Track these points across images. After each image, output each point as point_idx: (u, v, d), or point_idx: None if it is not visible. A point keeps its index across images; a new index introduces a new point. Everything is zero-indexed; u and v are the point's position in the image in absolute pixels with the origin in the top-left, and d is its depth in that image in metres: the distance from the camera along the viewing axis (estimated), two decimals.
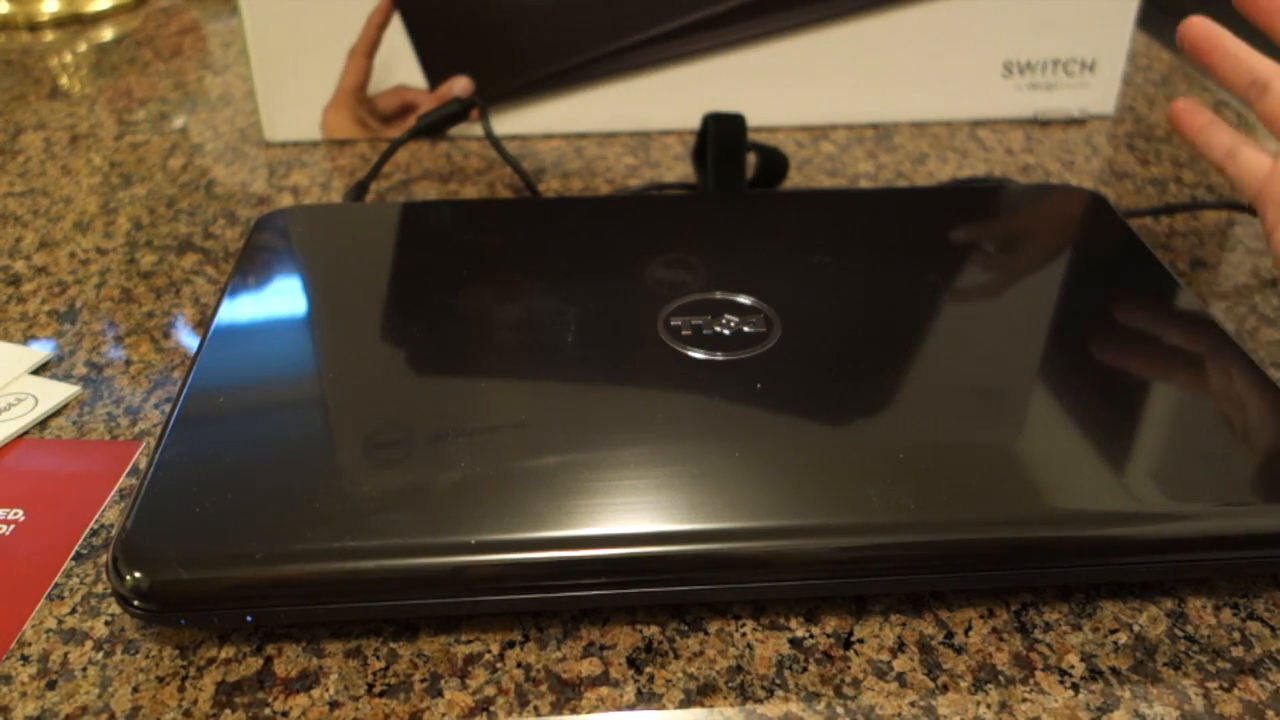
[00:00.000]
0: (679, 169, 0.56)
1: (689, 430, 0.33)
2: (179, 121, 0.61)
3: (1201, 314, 0.38)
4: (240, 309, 0.38)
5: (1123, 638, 0.30)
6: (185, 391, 0.34)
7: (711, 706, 0.28)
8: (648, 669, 0.29)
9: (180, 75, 0.68)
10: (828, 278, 0.40)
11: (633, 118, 0.59)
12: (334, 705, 0.28)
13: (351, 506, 0.30)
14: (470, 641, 0.30)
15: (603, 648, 0.30)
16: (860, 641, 0.30)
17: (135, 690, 0.29)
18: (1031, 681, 0.29)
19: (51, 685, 0.29)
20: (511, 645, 0.30)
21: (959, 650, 0.30)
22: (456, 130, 0.58)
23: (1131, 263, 0.42)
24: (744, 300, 0.38)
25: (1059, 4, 0.57)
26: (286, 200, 0.53)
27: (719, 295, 0.38)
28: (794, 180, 0.55)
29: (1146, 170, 0.56)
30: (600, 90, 0.58)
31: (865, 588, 0.31)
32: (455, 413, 0.33)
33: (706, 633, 0.30)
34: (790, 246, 0.42)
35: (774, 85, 0.58)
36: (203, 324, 0.43)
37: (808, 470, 0.31)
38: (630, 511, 0.30)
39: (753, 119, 0.52)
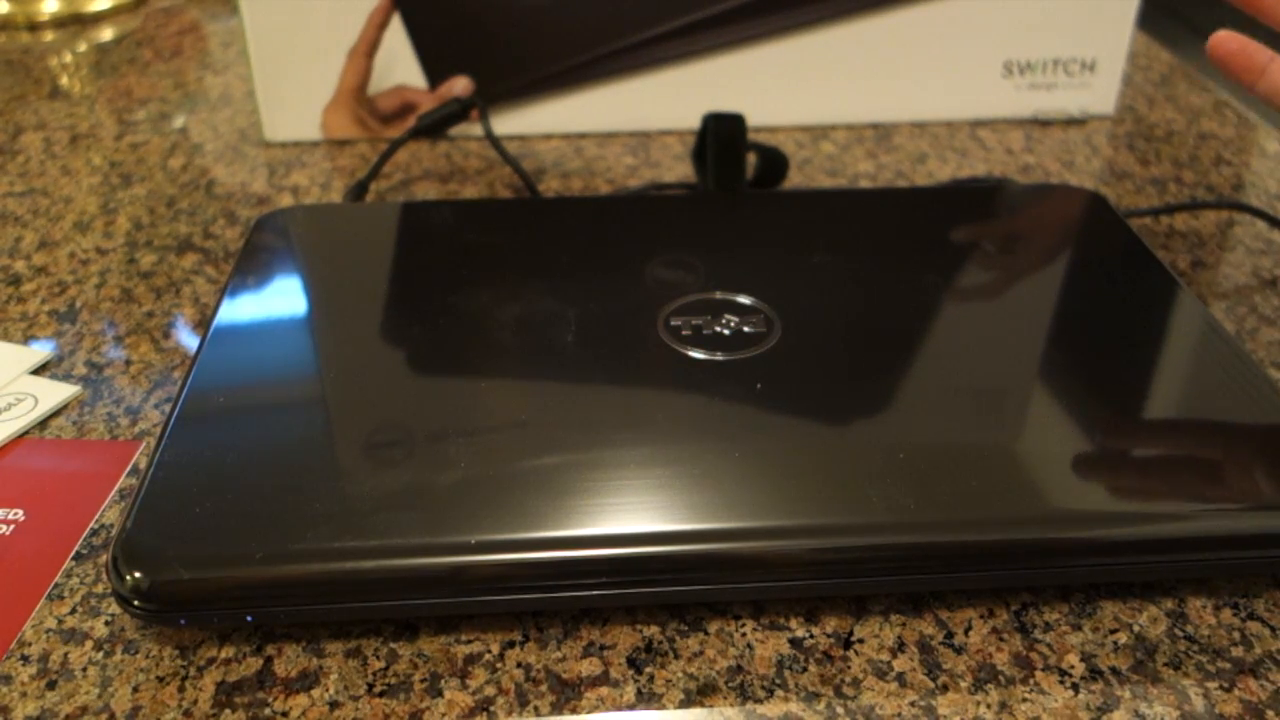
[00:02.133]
0: (679, 169, 0.56)
1: (689, 430, 0.33)
2: (179, 121, 0.61)
3: (1201, 314, 0.38)
4: (240, 309, 0.38)
5: (1123, 638, 0.30)
6: (185, 391, 0.34)
7: (711, 706, 0.28)
8: (648, 669, 0.29)
9: (180, 75, 0.68)
10: (828, 278, 0.40)
11: (633, 118, 0.59)
12: (334, 705, 0.28)
13: (351, 506, 0.30)
14: (470, 641, 0.30)
15: (603, 648, 0.30)
16: (860, 641, 0.30)
17: (135, 690, 0.29)
18: (1031, 681, 0.29)
19: (51, 685, 0.29)
20: (511, 645, 0.30)
21: (959, 650, 0.30)
22: (456, 130, 0.58)
23: (1131, 263, 0.42)
24: (744, 300, 0.38)
25: (1059, 4, 0.57)
26: (286, 200, 0.53)
27: (719, 295, 0.38)
28: (794, 180, 0.55)
29: (1146, 170, 0.56)
30: (600, 90, 0.58)
31: (865, 588, 0.31)
32: (455, 413, 0.33)
33: (706, 633, 0.30)
34: (790, 246, 0.42)
35: (774, 85, 0.58)
36: (203, 324, 0.43)
37: (808, 470, 0.31)
38: (630, 511, 0.30)
39: (753, 119, 0.52)
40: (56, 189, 0.54)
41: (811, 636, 0.30)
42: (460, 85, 0.57)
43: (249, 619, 0.29)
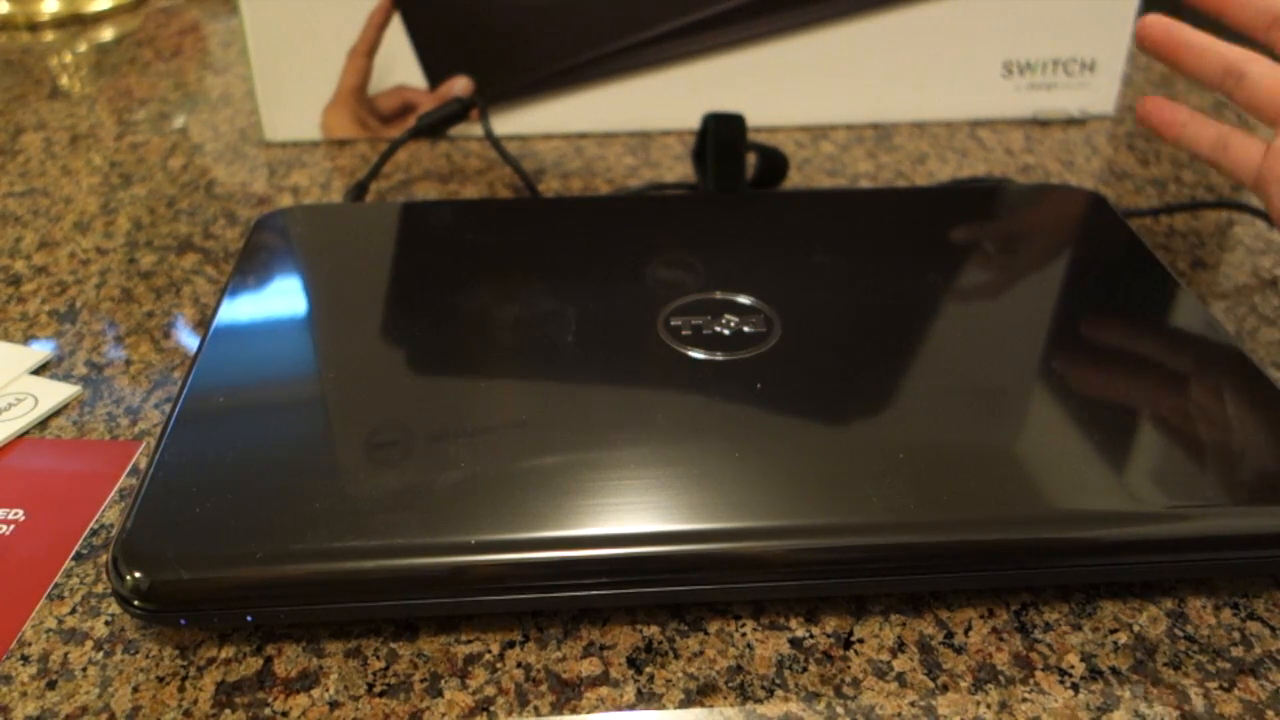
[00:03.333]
0: (679, 169, 0.56)
1: (689, 430, 0.33)
2: (179, 121, 0.61)
3: (1201, 314, 0.38)
4: (240, 309, 0.38)
5: (1123, 638, 0.30)
6: (185, 391, 0.34)
7: (711, 706, 0.28)
8: (648, 669, 0.29)
9: (180, 75, 0.68)
10: (827, 278, 0.40)
11: (633, 118, 0.59)
12: (334, 705, 0.28)
13: (351, 506, 0.30)
14: (470, 641, 0.30)
15: (603, 648, 0.30)
16: (860, 641, 0.30)
17: (135, 690, 0.29)
18: (1031, 681, 0.29)
19: (51, 685, 0.29)
20: (511, 645, 0.30)
21: (959, 650, 0.30)
22: (456, 130, 0.58)
23: (1131, 263, 0.42)
24: (744, 300, 0.38)
25: (1059, 4, 0.57)
26: (286, 200, 0.53)
27: (719, 295, 0.38)
28: (794, 180, 0.55)
29: (1146, 170, 0.56)
30: (600, 90, 0.58)
31: (865, 588, 0.31)
32: (455, 413, 0.33)
33: (706, 633, 0.30)
34: (790, 246, 0.42)
35: (774, 85, 0.58)
36: (203, 324, 0.43)
37: (808, 470, 0.31)
38: (630, 511, 0.30)
39: (753, 119, 0.52)
40: (56, 189, 0.54)
41: (811, 636, 0.30)
42: (460, 85, 0.57)
43: (249, 619, 0.29)
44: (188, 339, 0.43)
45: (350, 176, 0.55)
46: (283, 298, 0.39)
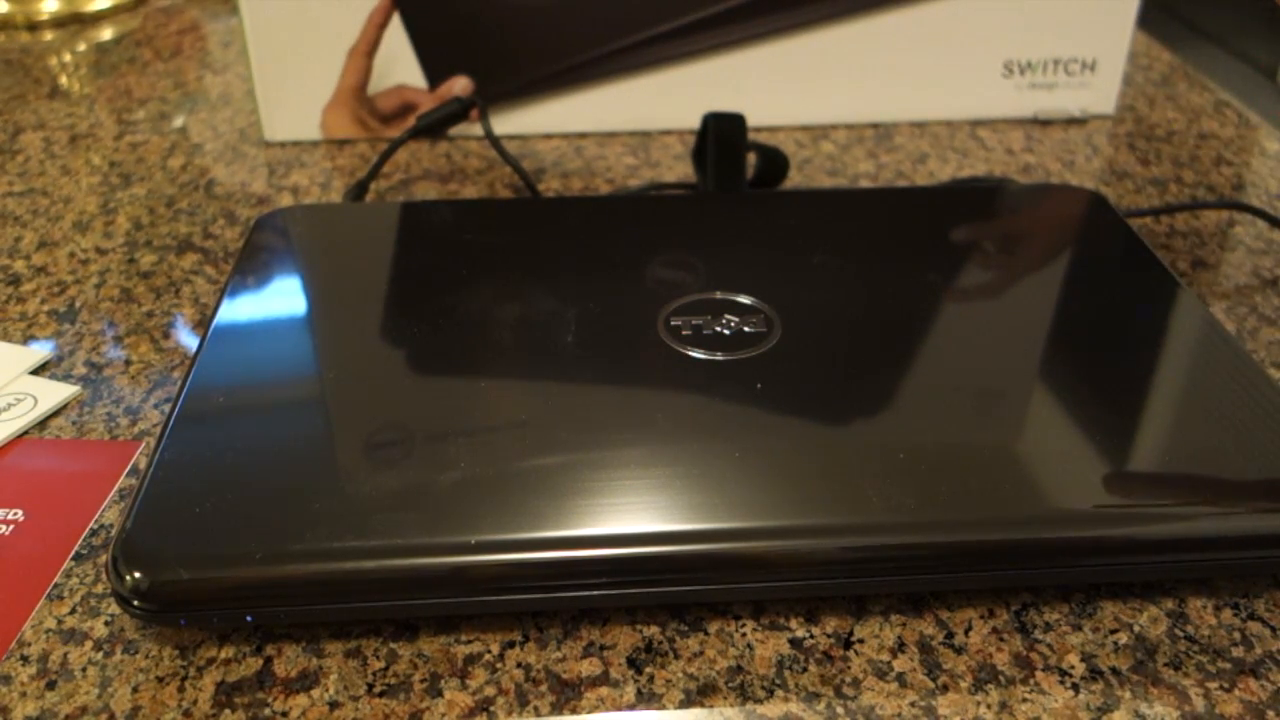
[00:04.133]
0: (679, 169, 0.56)
1: (689, 430, 0.33)
2: (179, 121, 0.61)
3: (1201, 314, 0.38)
4: (240, 309, 0.38)
5: (1123, 638, 0.30)
6: (185, 391, 0.34)
7: (711, 706, 0.28)
8: (648, 669, 0.29)
9: (180, 75, 0.68)
10: (828, 278, 0.40)
11: (633, 118, 0.59)
12: (334, 705, 0.28)
13: (351, 506, 0.30)
14: (470, 641, 0.30)
15: (603, 648, 0.30)
16: (860, 641, 0.30)
17: (135, 690, 0.29)
18: (1031, 681, 0.29)
19: (51, 685, 0.29)
20: (511, 645, 0.30)
21: (959, 650, 0.30)
22: (456, 130, 0.58)
23: (1131, 263, 0.42)
24: (744, 300, 0.38)
25: (1059, 4, 0.57)
26: (286, 200, 0.53)
27: (719, 295, 0.38)
28: (794, 180, 0.55)
29: (1146, 170, 0.56)
30: (600, 90, 0.58)
31: (865, 588, 0.31)
32: (455, 413, 0.33)
33: (706, 633, 0.30)
34: (790, 246, 0.42)
35: (774, 85, 0.58)
36: (202, 324, 0.43)
37: (808, 470, 0.31)
38: (630, 511, 0.30)
39: (753, 119, 0.52)
40: (56, 189, 0.54)
41: (811, 636, 0.30)
42: (460, 85, 0.57)
43: (249, 619, 0.29)
44: (187, 339, 0.43)
45: (350, 176, 0.55)
46: (282, 298, 0.39)
